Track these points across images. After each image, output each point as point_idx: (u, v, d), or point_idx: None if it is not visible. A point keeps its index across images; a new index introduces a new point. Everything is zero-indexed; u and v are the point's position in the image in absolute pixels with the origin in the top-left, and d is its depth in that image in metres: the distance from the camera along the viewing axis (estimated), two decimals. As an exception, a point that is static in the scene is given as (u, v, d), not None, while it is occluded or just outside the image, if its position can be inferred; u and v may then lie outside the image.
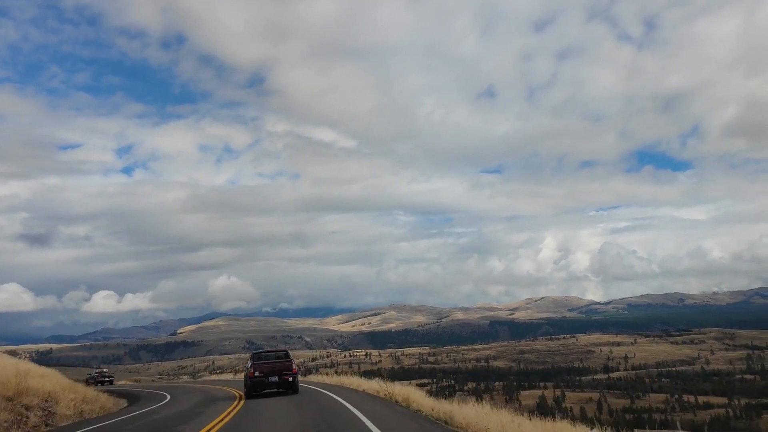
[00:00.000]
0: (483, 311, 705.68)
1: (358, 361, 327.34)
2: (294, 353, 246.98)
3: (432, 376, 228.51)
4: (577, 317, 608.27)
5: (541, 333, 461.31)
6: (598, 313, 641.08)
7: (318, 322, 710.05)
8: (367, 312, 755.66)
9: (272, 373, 23.58)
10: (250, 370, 23.89)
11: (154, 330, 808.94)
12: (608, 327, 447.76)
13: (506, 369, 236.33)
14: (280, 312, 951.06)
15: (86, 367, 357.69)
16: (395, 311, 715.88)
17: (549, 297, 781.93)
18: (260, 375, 23.54)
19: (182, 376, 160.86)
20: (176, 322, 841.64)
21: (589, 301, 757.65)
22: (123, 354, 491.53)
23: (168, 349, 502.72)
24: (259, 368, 23.84)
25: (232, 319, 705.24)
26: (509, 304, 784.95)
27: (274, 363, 24.36)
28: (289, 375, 23.68)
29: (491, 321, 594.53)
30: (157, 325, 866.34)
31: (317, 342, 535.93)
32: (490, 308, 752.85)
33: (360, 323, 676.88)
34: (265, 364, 24.30)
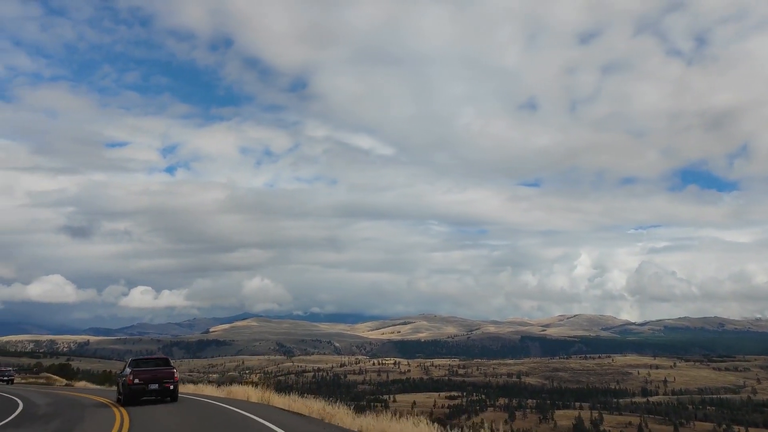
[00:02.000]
0: (514, 326, 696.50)
1: (386, 369, 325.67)
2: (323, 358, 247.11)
3: (461, 389, 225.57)
4: (611, 337, 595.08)
5: (574, 351, 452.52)
6: (634, 333, 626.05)
7: (348, 328, 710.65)
8: (397, 320, 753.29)
9: (153, 380, 22.61)
10: (129, 377, 22.76)
11: (187, 327, 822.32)
12: (644, 348, 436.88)
13: (539, 386, 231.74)
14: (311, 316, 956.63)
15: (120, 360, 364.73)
16: (425, 321, 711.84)
17: (582, 315, 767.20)
18: (140, 382, 22.54)
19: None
20: (209, 321, 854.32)
21: (624, 321, 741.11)
22: (156, 350, 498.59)
23: (200, 347, 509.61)
24: (140, 375, 22.76)
25: (263, 321, 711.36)
26: (541, 320, 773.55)
27: (155, 370, 23.28)
28: (170, 383, 22.74)
29: (522, 336, 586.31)
30: (190, 322, 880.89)
31: (346, 348, 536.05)
32: (522, 323, 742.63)
33: (390, 331, 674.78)
34: (146, 371, 23.19)
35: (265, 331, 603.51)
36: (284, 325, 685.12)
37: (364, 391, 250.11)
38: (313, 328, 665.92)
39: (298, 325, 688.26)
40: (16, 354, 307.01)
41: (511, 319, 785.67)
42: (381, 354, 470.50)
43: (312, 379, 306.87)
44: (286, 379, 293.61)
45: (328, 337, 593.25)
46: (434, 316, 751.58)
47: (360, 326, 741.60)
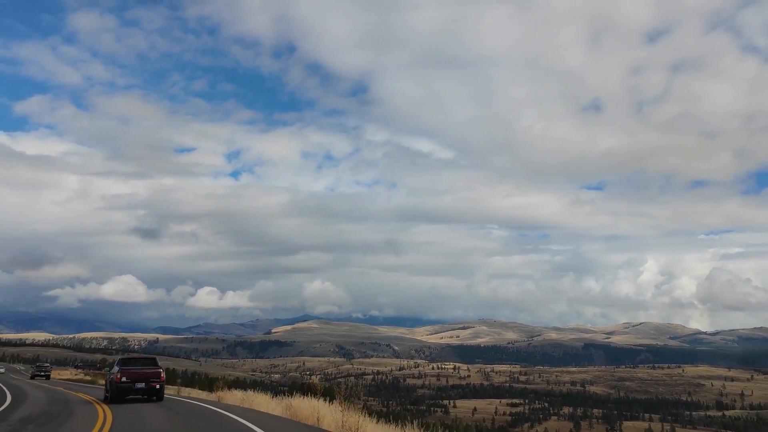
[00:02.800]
0: (577, 332, 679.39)
1: (446, 374, 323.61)
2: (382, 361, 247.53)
3: (523, 396, 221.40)
4: (680, 346, 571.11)
5: (640, 360, 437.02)
6: (704, 343, 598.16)
7: (407, 332, 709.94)
8: (456, 325, 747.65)
9: (140, 379, 22.66)
10: (116, 375, 22.86)
11: (250, 328, 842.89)
12: (716, 359, 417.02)
13: (604, 395, 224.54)
14: (370, 319, 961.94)
15: (187, 358, 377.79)
16: (485, 326, 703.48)
17: (649, 323, 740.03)
18: (127, 381, 22.58)
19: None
20: (271, 322, 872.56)
21: (694, 330, 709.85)
22: (221, 349, 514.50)
23: (262, 347, 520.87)
24: (127, 374, 22.84)
25: (323, 323, 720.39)
26: (605, 328, 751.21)
27: (142, 369, 23.37)
28: (156, 382, 22.85)
29: (586, 343, 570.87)
30: (253, 323, 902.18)
31: (405, 352, 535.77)
32: (585, 330, 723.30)
33: (448, 336, 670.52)
34: (134, 370, 23.24)
35: (325, 333, 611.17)
36: (344, 327, 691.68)
37: (424, 395, 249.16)
38: (372, 331, 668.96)
39: (357, 328, 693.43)
40: (90, 350, 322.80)
41: (573, 326, 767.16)
42: (440, 358, 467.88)
43: (371, 381, 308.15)
44: (346, 381, 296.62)
45: (387, 340, 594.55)
46: (494, 321, 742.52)
47: (419, 330, 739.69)
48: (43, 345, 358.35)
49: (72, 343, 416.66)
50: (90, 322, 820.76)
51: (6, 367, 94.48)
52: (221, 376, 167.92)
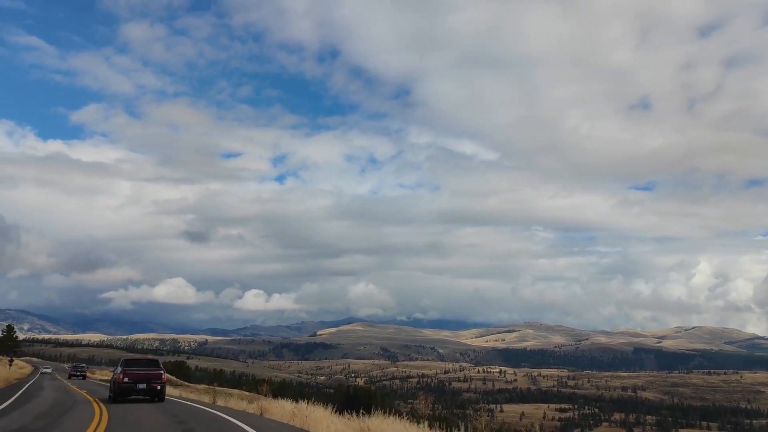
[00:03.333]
0: (626, 336, 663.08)
1: (492, 378, 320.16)
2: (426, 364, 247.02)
3: (572, 401, 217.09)
4: (736, 351, 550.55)
5: (693, 365, 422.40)
6: (763, 349, 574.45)
7: (452, 335, 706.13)
8: (502, 328, 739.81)
9: (142, 380, 22.97)
10: (119, 376, 23.18)
11: (296, 330, 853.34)
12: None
13: (657, 402, 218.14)
14: (414, 322, 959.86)
15: (235, 360, 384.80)
16: (531, 329, 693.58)
17: (703, 327, 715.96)
18: (129, 381, 22.88)
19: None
20: (316, 324, 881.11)
21: (751, 335, 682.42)
22: (267, 350, 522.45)
23: (308, 349, 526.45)
24: (129, 374, 23.15)
25: (368, 325, 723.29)
26: (656, 332, 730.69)
27: (144, 370, 23.64)
28: (158, 383, 23.18)
29: (635, 348, 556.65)
30: (299, 325, 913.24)
31: (450, 355, 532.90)
32: (635, 334, 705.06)
33: (494, 339, 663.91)
34: (136, 371, 23.50)
35: (370, 336, 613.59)
36: (388, 330, 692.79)
37: (470, 399, 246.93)
38: (417, 334, 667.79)
39: (401, 331, 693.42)
40: (142, 351, 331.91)
41: (622, 330, 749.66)
42: (485, 362, 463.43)
43: (416, 384, 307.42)
44: (391, 384, 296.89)
45: (431, 343, 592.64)
46: (540, 325, 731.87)
47: (463, 333, 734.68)
48: (97, 346, 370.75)
49: (125, 344, 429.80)
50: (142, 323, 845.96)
51: (54, 368, 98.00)
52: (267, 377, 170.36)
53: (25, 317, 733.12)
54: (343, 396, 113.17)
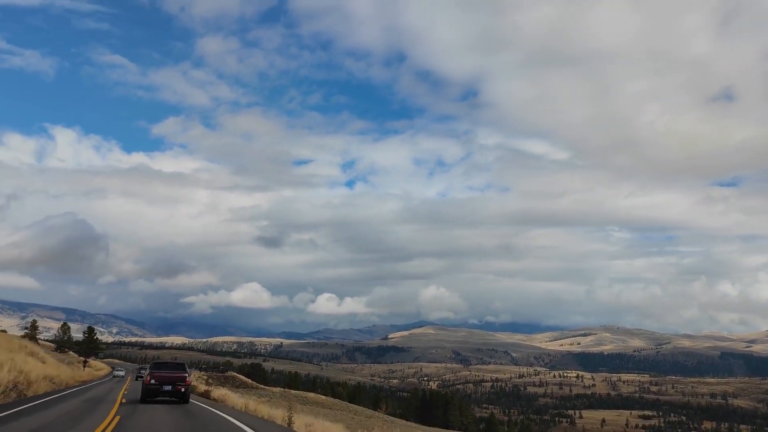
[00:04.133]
0: (712, 340, 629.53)
1: (568, 382, 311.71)
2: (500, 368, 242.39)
3: (655, 408, 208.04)
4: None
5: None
6: None
7: (525, 338, 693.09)
8: (577, 331, 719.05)
9: (167, 382, 24.14)
10: (147, 378, 24.53)
11: (368, 333, 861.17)
12: None
13: (751, 410, 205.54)
14: (486, 325, 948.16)
15: (309, 363, 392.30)
16: (608, 333, 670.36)
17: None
18: (156, 383, 24.11)
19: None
20: (388, 328, 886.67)
21: None
22: (340, 354, 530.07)
23: (380, 352, 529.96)
24: (156, 376, 24.39)
25: (439, 329, 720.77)
26: (745, 335, 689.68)
27: (170, 373, 24.92)
28: (182, 386, 24.21)
29: (723, 352, 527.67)
30: (370, 328, 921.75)
31: (523, 359, 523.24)
32: (721, 338, 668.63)
33: (569, 342, 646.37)
34: (162, 373, 24.81)
35: (442, 339, 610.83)
36: (460, 333, 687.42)
37: (546, 404, 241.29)
38: (489, 338, 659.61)
39: (473, 334, 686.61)
40: (221, 354, 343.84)
41: (707, 333, 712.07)
42: (560, 366, 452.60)
43: (490, 389, 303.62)
44: (465, 388, 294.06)
45: (504, 346, 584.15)
46: (617, 328, 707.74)
47: (537, 336, 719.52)
48: (179, 348, 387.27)
49: (205, 347, 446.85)
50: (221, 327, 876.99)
51: (127, 370, 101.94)
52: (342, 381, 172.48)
53: (114, 321, 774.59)
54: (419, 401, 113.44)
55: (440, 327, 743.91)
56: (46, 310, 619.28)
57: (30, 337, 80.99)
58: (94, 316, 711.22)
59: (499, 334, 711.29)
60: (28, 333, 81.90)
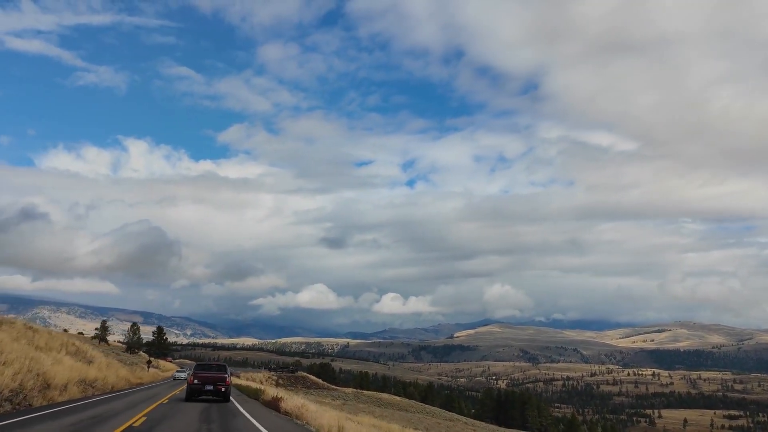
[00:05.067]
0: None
1: (644, 380, 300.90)
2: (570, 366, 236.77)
3: (742, 407, 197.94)
4: None
5: None
6: None
7: (595, 335, 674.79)
8: (650, 328, 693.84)
9: (209, 382, 25.56)
10: (190, 378, 26.21)
11: (433, 332, 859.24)
12: None
13: None
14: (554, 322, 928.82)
15: (376, 362, 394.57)
16: (684, 329, 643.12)
17: None
18: (198, 383, 25.55)
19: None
20: (453, 326, 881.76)
21: None
22: (406, 353, 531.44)
23: (446, 351, 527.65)
24: (199, 377, 25.88)
25: (506, 327, 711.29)
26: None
27: (212, 374, 26.36)
28: (222, 386, 25.59)
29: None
30: (435, 327, 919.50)
31: (594, 356, 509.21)
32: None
33: (641, 339, 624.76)
34: (205, 374, 26.29)
35: (508, 338, 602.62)
36: (527, 331, 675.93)
37: (622, 403, 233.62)
38: (558, 335, 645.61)
39: (541, 332, 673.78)
40: (290, 354, 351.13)
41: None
42: (634, 363, 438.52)
43: (562, 388, 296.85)
44: (535, 386, 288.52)
45: (573, 344, 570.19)
46: (693, 324, 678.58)
47: (608, 333, 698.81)
48: (250, 349, 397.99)
49: (274, 347, 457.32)
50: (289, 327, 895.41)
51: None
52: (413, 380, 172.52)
53: (188, 323, 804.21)
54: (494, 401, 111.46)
55: (506, 325, 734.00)
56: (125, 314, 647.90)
57: (100, 338, 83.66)
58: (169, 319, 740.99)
59: (568, 332, 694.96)
60: (99, 334, 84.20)
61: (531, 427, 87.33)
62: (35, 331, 30.04)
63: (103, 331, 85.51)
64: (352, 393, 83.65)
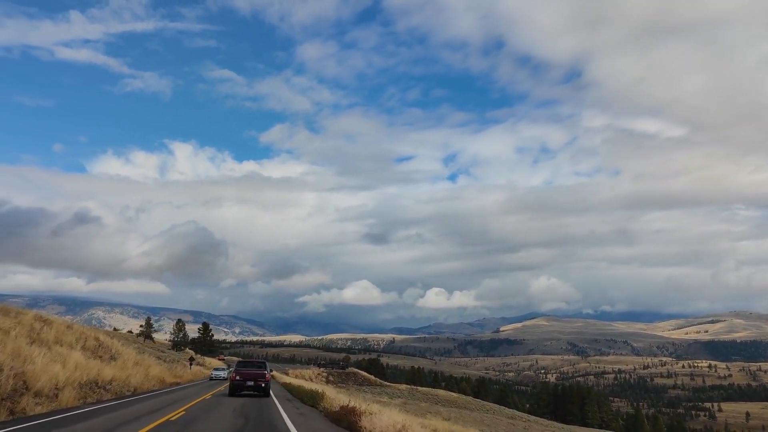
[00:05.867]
0: None
1: (700, 373, 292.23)
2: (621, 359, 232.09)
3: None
4: None
5: None
6: None
7: (645, 327, 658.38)
8: (703, 318, 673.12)
9: (250, 378, 27.11)
10: (233, 375, 27.83)
11: (478, 327, 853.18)
12: None
13: None
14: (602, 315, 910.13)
15: (422, 357, 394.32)
16: (740, 319, 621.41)
17: None
18: (240, 379, 27.06)
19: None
20: (498, 320, 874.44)
21: None
22: (453, 348, 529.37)
23: (492, 345, 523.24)
24: (240, 374, 27.41)
25: (553, 320, 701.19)
26: None
27: (252, 371, 27.89)
28: (262, 381, 27.14)
29: None
30: (480, 322, 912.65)
31: (646, 348, 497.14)
32: None
33: (695, 330, 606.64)
34: (246, 371, 27.82)
35: (556, 331, 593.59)
36: (575, 324, 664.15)
37: (678, 396, 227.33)
38: (606, 328, 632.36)
39: (589, 324, 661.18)
40: (337, 350, 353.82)
41: None
42: (687, 355, 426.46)
43: (614, 381, 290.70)
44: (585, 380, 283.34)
45: (623, 336, 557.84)
46: (750, 314, 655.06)
47: (659, 325, 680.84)
48: (297, 346, 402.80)
49: (321, 344, 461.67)
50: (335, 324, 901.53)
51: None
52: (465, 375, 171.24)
53: (236, 322, 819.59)
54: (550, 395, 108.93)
55: (553, 318, 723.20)
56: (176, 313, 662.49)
57: (146, 335, 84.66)
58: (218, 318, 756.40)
59: (617, 324, 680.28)
60: (144, 331, 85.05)
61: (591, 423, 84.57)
62: (47, 323, 27.10)
63: (148, 328, 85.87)
64: (407, 390, 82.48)
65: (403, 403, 51.53)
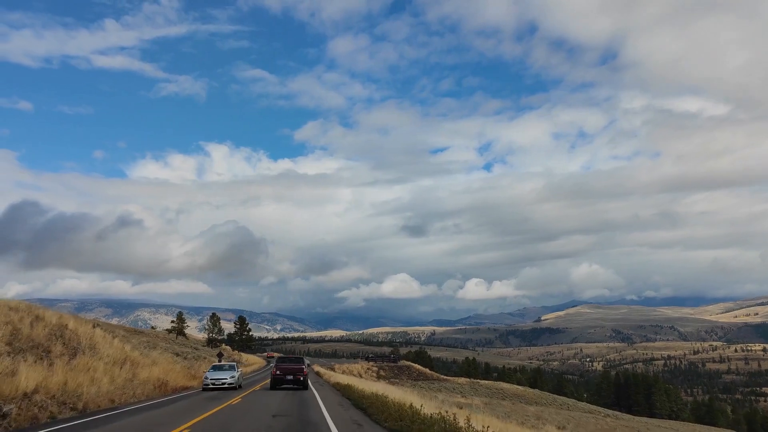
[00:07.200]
0: None
1: (754, 356, 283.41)
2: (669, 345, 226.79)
3: None
4: None
5: None
6: None
7: (692, 312, 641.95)
8: (753, 301, 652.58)
9: (290, 373, 29.65)
10: (273, 369, 30.33)
11: (519, 316, 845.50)
12: None
13: None
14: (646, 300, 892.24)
15: (464, 348, 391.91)
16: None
17: None
18: (280, 374, 29.65)
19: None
20: (539, 309, 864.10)
21: None
22: (494, 338, 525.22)
23: (534, 335, 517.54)
24: (280, 368, 30.02)
25: (595, 307, 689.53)
26: None
27: (291, 366, 30.50)
28: (300, 375, 29.66)
29: None
30: (521, 311, 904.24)
31: (693, 333, 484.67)
32: None
33: (744, 313, 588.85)
34: (285, 366, 30.41)
35: (599, 318, 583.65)
36: (619, 310, 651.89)
37: (734, 382, 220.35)
38: (652, 313, 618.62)
39: (633, 311, 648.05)
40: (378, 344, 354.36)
41: None
42: (738, 339, 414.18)
43: (663, 367, 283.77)
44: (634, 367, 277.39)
45: (669, 321, 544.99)
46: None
47: (707, 308, 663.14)
48: (338, 341, 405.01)
49: (362, 338, 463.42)
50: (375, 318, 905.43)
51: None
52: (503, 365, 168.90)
53: (277, 319, 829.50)
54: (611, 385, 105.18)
55: (596, 305, 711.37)
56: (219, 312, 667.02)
57: (178, 331, 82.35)
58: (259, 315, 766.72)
59: (663, 309, 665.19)
60: (176, 327, 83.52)
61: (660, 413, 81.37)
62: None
63: (180, 323, 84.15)
64: (468, 384, 79.30)
65: (485, 404, 48.89)
